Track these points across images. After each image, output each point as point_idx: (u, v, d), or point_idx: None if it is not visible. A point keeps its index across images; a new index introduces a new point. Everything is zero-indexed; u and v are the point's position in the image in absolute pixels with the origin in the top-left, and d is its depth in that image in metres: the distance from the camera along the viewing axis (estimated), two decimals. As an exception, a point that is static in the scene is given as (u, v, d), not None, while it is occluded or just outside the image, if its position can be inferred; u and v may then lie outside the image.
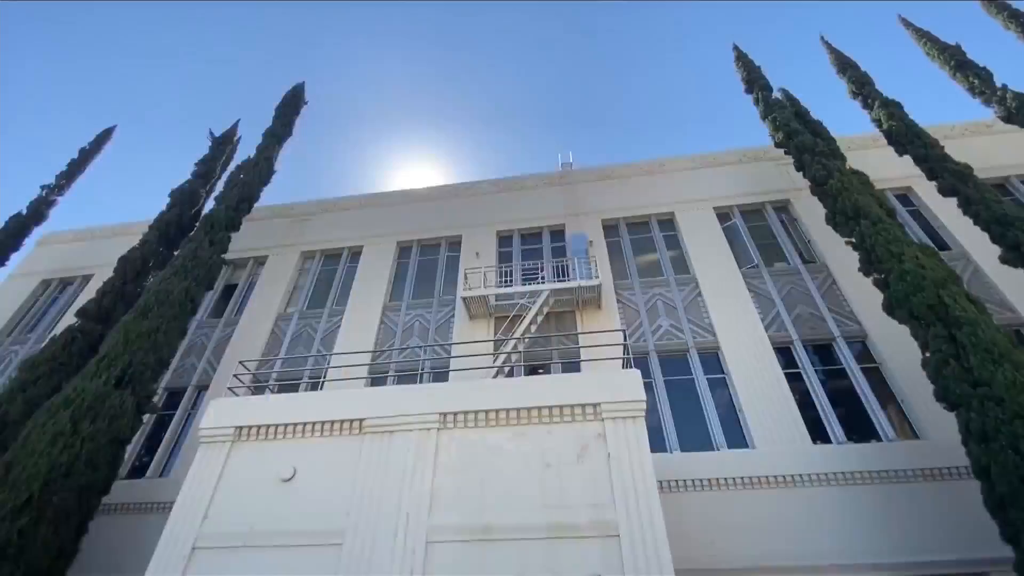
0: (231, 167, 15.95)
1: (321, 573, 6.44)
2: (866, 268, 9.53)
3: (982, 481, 6.92)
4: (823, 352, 10.62)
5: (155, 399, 10.58)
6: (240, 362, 9.57)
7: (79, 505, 8.08)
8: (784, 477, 8.56)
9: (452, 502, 6.78)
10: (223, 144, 16.45)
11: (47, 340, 11.62)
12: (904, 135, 12.07)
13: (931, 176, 11.36)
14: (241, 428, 7.96)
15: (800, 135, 12.25)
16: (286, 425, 7.88)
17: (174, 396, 12.44)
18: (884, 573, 7.57)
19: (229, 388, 9.09)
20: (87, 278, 15.93)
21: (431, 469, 7.10)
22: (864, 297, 10.63)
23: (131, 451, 11.18)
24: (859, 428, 9.31)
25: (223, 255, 12.61)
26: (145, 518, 9.76)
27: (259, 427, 7.92)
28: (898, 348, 9.76)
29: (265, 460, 7.62)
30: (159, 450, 11.32)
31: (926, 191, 12.52)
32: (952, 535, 7.73)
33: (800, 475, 8.55)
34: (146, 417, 10.75)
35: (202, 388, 12.33)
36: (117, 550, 9.35)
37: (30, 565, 7.23)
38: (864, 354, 10.34)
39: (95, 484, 8.40)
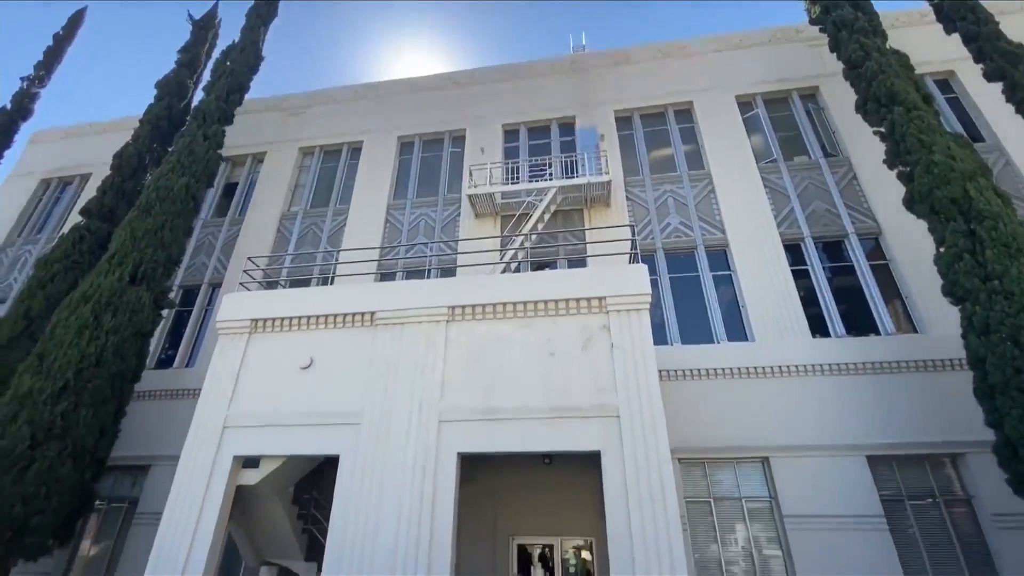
0: (215, 54, 14.87)
1: (342, 448, 7.00)
2: (892, 160, 9.05)
3: (975, 371, 7.12)
4: (833, 249, 10.48)
5: (171, 295, 10.84)
6: (249, 258, 9.62)
7: (113, 391, 8.63)
8: (781, 368, 8.88)
9: (462, 388, 7.13)
10: (204, 28, 15.17)
11: (57, 239, 11.68)
12: (956, 9, 10.81)
13: (979, 58, 10.35)
14: (257, 320, 8.21)
15: (839, 8, 11.01)
16: (300, 318, 8.10)
17: (189, 293, 12.76)
18: (867, 452, 8.10)
19: (241, 284, 9.23)
20: (85, 177, 15.66)
21: (441, 358, 7.39)
22: (884, 192, 10.25)
23: (156, 345, 11.72)
24: (860, 324, 9.46)
25: (219, 150, 12.19)
26: (176, 403, 10.49)
27: (274, 319, 8.16)
28: (911, 245, 9.61)
29: (282, 350, 7.95)
30: (182, 344, 11.86)
31: (969, 77, 11.51)
32: (934, 421, 8.14)
33: (797, 366, 8.86)
34: (165, 313, 11.13)
35: (215, 285, 12.59)
36: (153, 431, 10.16)
37: (76, 443, 7.89)
38: (875, 251, 10.20)
39: (125, 372, 8.90)
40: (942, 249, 7.92)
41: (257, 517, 8.21)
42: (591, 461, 6.64)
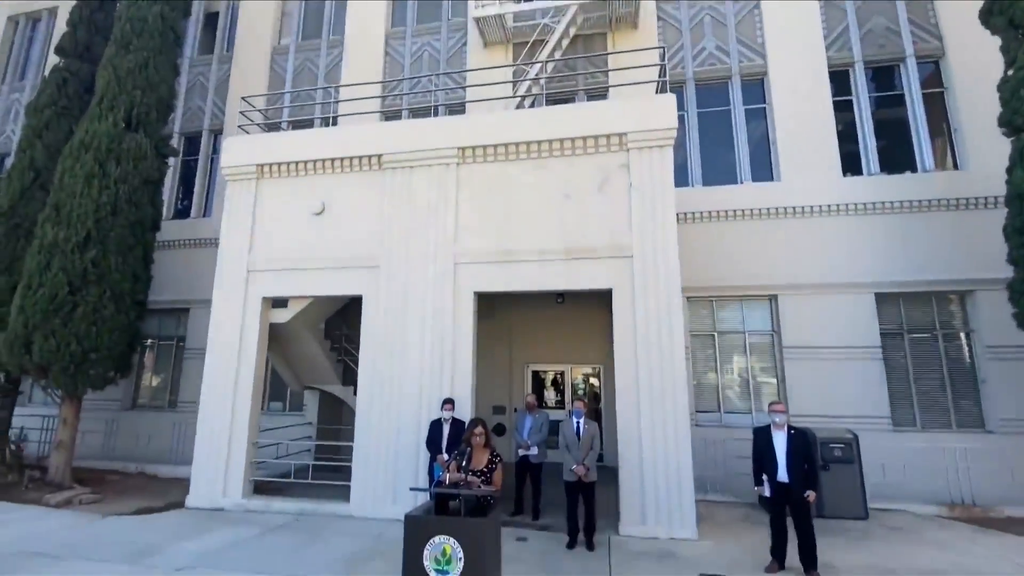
0: None
1: (364, 289, 7.29)
2: (979, -42, 7.54)
3: (1011, 207, 6.81)
4: (883, 76, 9.36)
5: (172, 143, 10.44)
6: (243, 98, 8.99)
7: (136, 239, 8.82)
8: (804, 208, 8.59)
9: (475, 231, 7.10)
10: None
11: (40, 83, 10.95)
12: None
13: None
14: (263, 166, 7.97)
15: None
16: (307, 162, 7.83)
17: (192, 142, 12.29)
18: (877, 290, 8.20)
19: (240, 127, 8.78)
20: (52, 11, 14.14)
21: (453, 202, 7.24)
22: (958, 5, 8.76)
23: (170, 196, 11.68)
24: (898, 160, 8.85)
25: (187, -32, 10.65)
26: (198, 251, 10.80)
27: (281, 164, 7.91)
28: (974, 69, 8.51)
29: (293, 196, 7.84)
30: (194, 194, 11.79)
31: None
32: (950, 259, 8.04)
33: (822, 205, 8.54)
34: (172, 162, 10.86)
35: (216, 132, 12.04)
36: (183, 278, 10.65)
37: (113, 288, 8.33)
38: (931, 79, 9.10)
39: (144, 221, 8.99)
40: (1010, 72, 7.02)
41: (293, 350, 8.96)
42: (602, 298, 6.86)
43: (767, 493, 4.89)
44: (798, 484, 4.74)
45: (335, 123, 10.52)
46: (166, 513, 6.88)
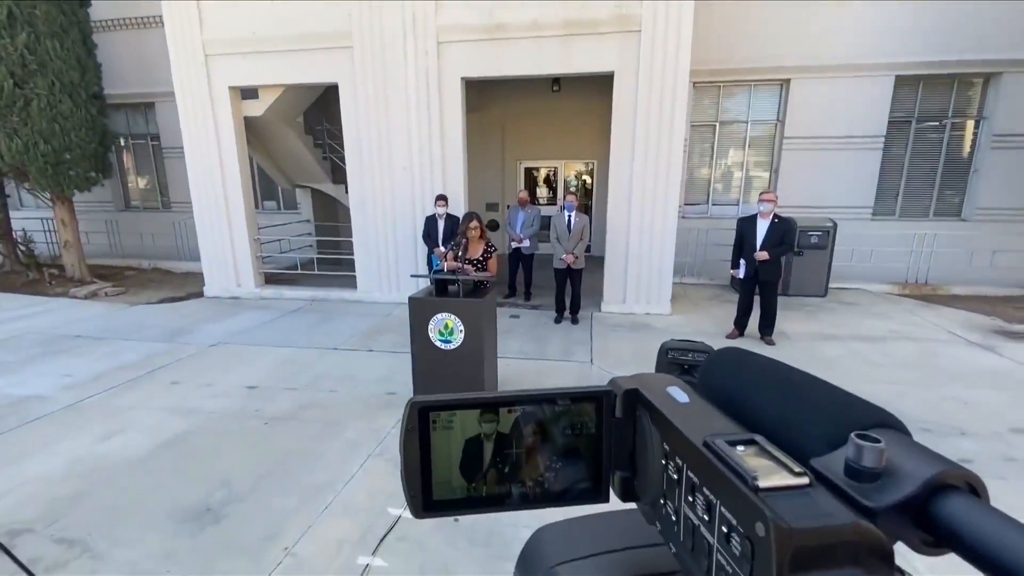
0: None
1: (338, 75, 6.62)
2: None
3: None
4: None
5: None
6: None
7: (67, 18, 7.65)
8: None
9: (460, 1, 6.14)
10: None
11: None
12: None
13: None
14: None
15: None
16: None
17: None
18: (899, 72, 7.56)
19: None
20: None
21: (431, -39, 6.08)
22: None
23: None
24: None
25: None
26: (147, 35, 9.41)
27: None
28: None
29: (237, -45, 6.52)
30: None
31: None
32: (983, 38, 7.25)
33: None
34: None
35: None
36: (135, 66, 9.52)
37: (60, 78, 7.55)
38: None
39: (70, -8, 7.66)
40: None
41: (275, 146, 8.60)
42: (602, 86, 6.33)
43: (741, 275, 5.30)
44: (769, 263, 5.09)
45: None
46: (188, 302, 7.50)
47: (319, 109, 9.23)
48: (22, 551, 2.30)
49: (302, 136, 8.68)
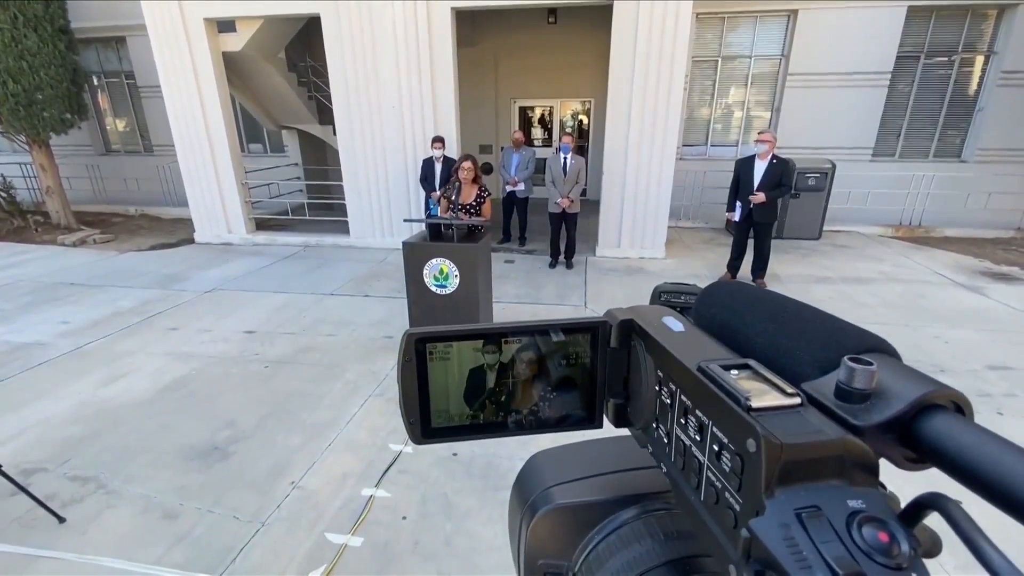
0: None
1: (320, 6, 6.21)
2: None
3: None
4: None
5: None
6: None
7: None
8: None
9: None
10: None
11: None
12: None
13: None
14: None
15: None
16: None
17: None
18: (912, 2, 7.20)
19: None
20: None
21: None
22: None
23: None
24: None
25: None
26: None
27: None
28: None
29: None
30: None
31: None
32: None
33: None
34: None
35: None
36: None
37: (23, 12, 7.06)
38: None
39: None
40: None
41: (257, 85, 8.20)
42: (599, 19, 6.00)
43: (737, 218, 5.26)
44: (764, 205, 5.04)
45: None
46: (180, 248, 7.41)
47: (303, 44, 8.74)
48: (37, 488, 2.40)
49: (285, 74, 8.26)
